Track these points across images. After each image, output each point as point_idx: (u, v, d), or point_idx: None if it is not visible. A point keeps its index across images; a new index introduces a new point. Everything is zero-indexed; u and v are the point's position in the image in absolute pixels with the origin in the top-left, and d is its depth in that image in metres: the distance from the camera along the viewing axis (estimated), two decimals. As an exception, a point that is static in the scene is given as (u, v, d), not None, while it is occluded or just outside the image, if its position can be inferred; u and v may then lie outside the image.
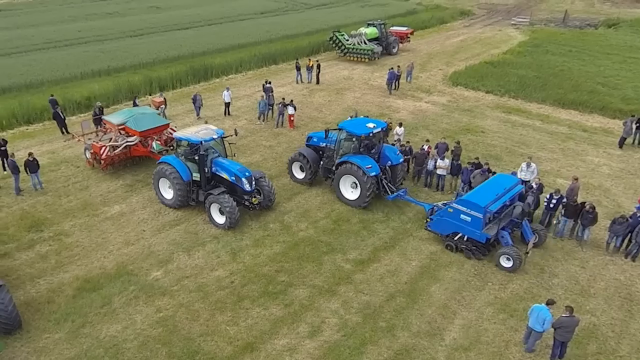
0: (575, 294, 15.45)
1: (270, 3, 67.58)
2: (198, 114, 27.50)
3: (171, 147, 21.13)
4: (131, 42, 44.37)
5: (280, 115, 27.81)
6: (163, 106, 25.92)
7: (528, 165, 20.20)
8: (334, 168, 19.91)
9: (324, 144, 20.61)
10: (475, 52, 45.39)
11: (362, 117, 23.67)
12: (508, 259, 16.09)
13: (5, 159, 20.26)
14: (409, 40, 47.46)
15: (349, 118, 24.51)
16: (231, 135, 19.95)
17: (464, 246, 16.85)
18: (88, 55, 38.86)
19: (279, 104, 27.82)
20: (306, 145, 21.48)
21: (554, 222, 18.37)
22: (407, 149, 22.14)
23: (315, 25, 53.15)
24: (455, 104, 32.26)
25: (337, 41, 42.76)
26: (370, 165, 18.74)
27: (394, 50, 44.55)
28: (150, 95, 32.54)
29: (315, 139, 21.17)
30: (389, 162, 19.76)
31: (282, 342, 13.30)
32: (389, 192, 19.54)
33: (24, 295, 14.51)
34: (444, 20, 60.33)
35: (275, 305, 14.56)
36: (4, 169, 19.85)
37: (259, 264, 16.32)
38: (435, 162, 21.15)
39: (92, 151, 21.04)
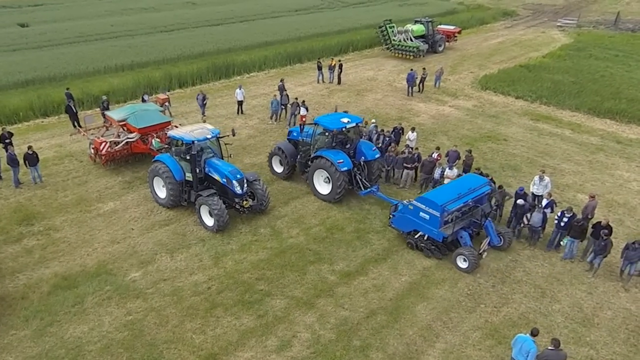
0: (576, 323, 14.29)
1: (306, 0, 67.34)
2: (203, 113, 27.34)
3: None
4: (160, 37, 45.07)
5: (293, 116, 27.41)
6: (167, 103, 25.98)
7: (541, 179, 18.97)
8: (309, 162, 19.95)
9: (301, 139, 20.73)
10: (512, 54, 43.60)
11: (342, 112, 23.31)
12: (464, 260, 15.92)
13: (26, 165, 20.33)
14: (456, 39, 46.79)
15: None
16: (227, 136, 19.69)
17: (423, 244, 16.75)
18: (115, 49, 39.68)
19: (292, 103, 27.43)
20: (287, 139, 21.55)
21: (562, 242, 17.13)
22: (416, 155, 21.27)
23: (347, 24, 52.48)
24: (480, 109, 30.95)
25: (385, 34, 42.41)
26: (342, 160, 18.77)
27: (440, 49, 44.18)
28: (169, 91, 32.90)
29: (295, 134, 21.27)
30: (364, 157, 19.64)
31: (247, 355, 12.87)
32: (362, 188, 19.55)
33: (0, 289, 14.70)
34: (484, 21, 58.37)
35: (248, 315, 14.15)
36: (27, 167, 20.21)
37: (240, 270, 15.96)
38: (443, 172, 20.22)
39: (93, 146, 21.28)
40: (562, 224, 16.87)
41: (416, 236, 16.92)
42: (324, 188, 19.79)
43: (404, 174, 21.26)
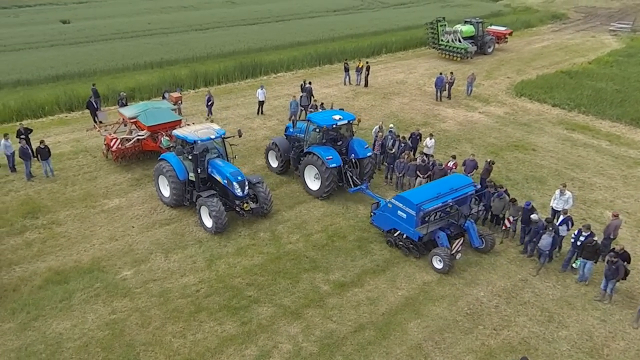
0: (582, 353, 13.30)
1: (345, 1, 67.06)
2: (209, 113, 27.35)
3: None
4: (194, 36, 45.89)
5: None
6: (180, 102, 26.22)
7: (562, 193, 17.85)
8: (302, 158, 20.29)
9: (295, 134, 21.18)
10: (556, 60, 41.73)
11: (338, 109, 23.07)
12: (440, 261, 15.88)
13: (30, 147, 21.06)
14: (506, 41, 45.78)
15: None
16: (233, 137, 19.62)
17: (401, 243, 16.77)
18: (147, 47, 40.66)
19: (311, 105, 27.17)
20: (284, 135, 21.89)
21: (574, 264, 16.05)
22: (430, 164, 20.52)
23: (384, 25, 51.83)
24: (512, 116, 29.71)
25: (434, 32, 41.93)
26: (331, 157, 18.99)
27: (489, 50, 43.44)
28: (193, 89, 33.37)
29: (291, 130, 21.64)
30: (355, 155, 19.83)
31: (224, 363, 12.67)
32: (352, 185, 19.69)
33: (-5, 281, 15.15)
34: (530, 24, 56.25)
35: (232, 321, 13.93)
36: (34, 155, 20.92)
37: (232, 274, 15.79)
38: (455, 181, 19.39)
39: (105, 142, 21.71)
40: (579, 243, 15.80)
41: (395, 234, 16.94)
42: (314, 184, 20.00)
43: (416, 182, 20.56)
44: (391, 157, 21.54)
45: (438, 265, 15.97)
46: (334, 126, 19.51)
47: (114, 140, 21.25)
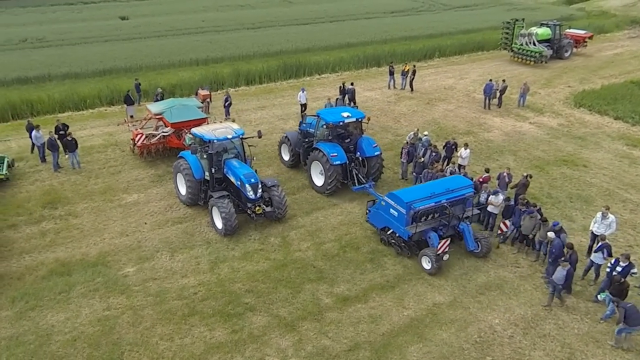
0: (603, 399, 11.98)
1: (405, 2, 65.88)
2: (227, 114, 27.15)
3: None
4: (244, 34, 46.48)
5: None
6: (209, 100, 26.42)
7: (604, 216, 16.35)
8: (309, 153, 20.60)
9: (305, 129, 21.53)
10: (627, 69, 38.89)
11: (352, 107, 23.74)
12: (428, 261, 15.80)
13: (64, 150, 21.76)
14: (585, 45, 43.99)
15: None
16: (252, 137, 19.47)
17: (393, 241, 16.79)
18: (196, 44, 41.58)
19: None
20: (298, 129, 22.23)
21: (600, 297, 14.58)
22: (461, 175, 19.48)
23: (442, 28, 50.34)
24: (566, 128, 27.83)
25: (509, 33, 40.91)
26: (335, 154, 19.16)
27: (566, 54, 41.86)
28: (234, 88, 33.71)
29: (304, 125, 21.84)
30: (363, 153, 19.99)
31: (206, 371, 12.42)
32: (356, 183, 19.76)
33: (3, 268, 15.71)
34: (605, 30, 52.81)
35: (223, 328, 13.69)
36: (65, 153, 21.79)
37: (233, 279, 15.58)
38: (488, 197, 18.25)
39: (131, 137, 22.22)
40: (615, 274, 14.35)
41: (388, 233, 16.93)
42: (319, 180, 20.23)
43: (444, 195, 19.55)
44: (420, 166, 20.68)
45: (426, 265, 15.92)
46: (341, 123, 19.70)
47: (139, 136, 21.71)
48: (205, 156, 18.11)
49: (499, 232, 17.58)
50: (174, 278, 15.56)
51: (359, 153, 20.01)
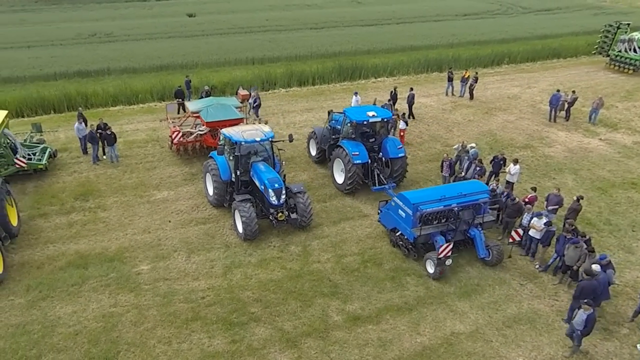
0: None
1: (479, 4, 63.68)
2: (257, 115, 26.82)
3: None
4: (306, 34, 46.69)
5: (392, 129, 25.82)
6: (248, 100, 26.46)
7: (661, 252, 14.64)
8: (333, 150, 20.92)
9: (332, 126, 21.86)
10: None
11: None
12: (432, 265, 15.66)
13: (103, 145, 22.45)
14: None
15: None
16: (283, 141, 19.22)
17: (401, 243, 16.77)
18: (256, 43, 42.22)
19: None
20: (328, 125, 22.33)
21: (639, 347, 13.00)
22: (504, 195, 18.10)
23: (516, 32, 48.16)
24: (642, 148, 25.50)
25: (609, 38, 39.08)
26: (357, 153, 19.32)
27: None
28: (286, 88, 33.79)
29: (332, 121, 22.09)
30: (386, 154, 20.10)
31: (197, 380, 12.26)
32: (376, 184, 19.79)
33: (28, 255, 16.42)
34: None
35: (223, 337, 13.48)
36: (104, 153, 22.68)
37: (243, 286, 15.37)
38: (531, 219, 16.93)
39: (169, 134, 22.70)
40: (665, 319, 12.77)
41: (397, 234, 16.87)
42: (340, 177, 20.43)
43: (484, 213, 18.39)
44: (460, 181, 19.55)
45: (430, 269, 15.81)
46: (365, 122, 19.79)
47: (175, 133, 22.11)
48: (231, 157, 18.08)
49: (510, 240, 16.71)
50: (185, 280, 15.58)
51: (382, 153, 20.11)
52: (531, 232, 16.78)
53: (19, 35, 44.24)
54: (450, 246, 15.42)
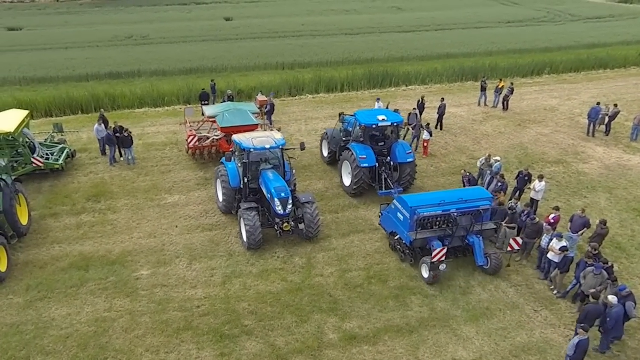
0: None
1: (526, 11, 61.89)
2: (270, 121, 26.44)
3: None
4: (340, 39, 46.43)
5: (415, 139, 25.20)
6: (266, 106, 26.29)
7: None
8: (342, 152, 21.29)
9: (344, 128, 22.20)
10: None
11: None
12: (427, 270, 15.61)
13: (120, 147, 22.77)
14: None
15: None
16: (294, 149, 18.94)
17: (399, 247, 16.77)
18: (288, 48, 42.24)
19: (414, 125, 25.23)
20: (342, 127, 22.58)
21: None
22: (524, 215, 17.16)
23: (561, 41, 46.41)
24: (688, 168, 23.88)
25: None
26: (364, 156, 19.57)
27: None
28: (313, 95, 33.58)
29: (345, 124, 22.36)
30: (395, 159, 20.25)
31: (179, 393, 12.04)
32: (384, 188, 19.96)
33: (33, 255, 16.71)
34: None
35: (213, 349, 13.24)
36: (121, 156, 23.00)
37: (241, 297, 15.12)
38: (550, 241, 16.00)
39: (185, 138, 22.81)
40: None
41: (396, 238, 16.85)
42: (347, 179, 20.66)
43: (501, 232, 17.54)
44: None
45: (425, 274, 15.78)
46: (374, 126, 19.94)
47: (191, 137, 22.19)
48: (240, 164, 17.93)
49: (509, 249, 16.34)
50: (183, 288, 15.46)
51: (391, 158, 20.30)
52: (549, 255, 15.83)
53: (60, 36, 45.91)
54: (444, 251, 15.35)
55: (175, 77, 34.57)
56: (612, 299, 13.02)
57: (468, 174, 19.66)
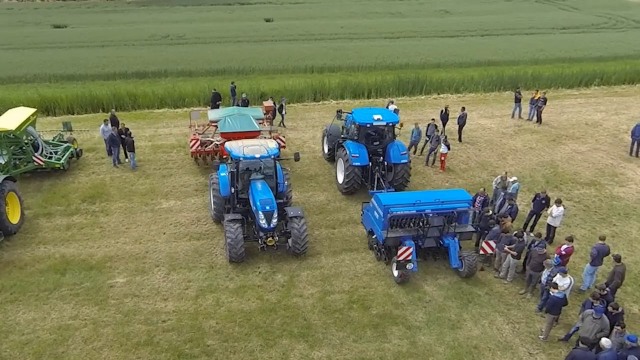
0: None
1: (584, 17, 58.60)
2: (271, 125, 25.27)
3: None
4: (378, 43, 45.42)
5: (432, 152, 23.97)
6: (272, 112, 25.67)
7: None
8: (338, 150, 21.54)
9: (344, 126, 22.34)
10: None
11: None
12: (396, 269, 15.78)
13: (125, 147, 22.81)
14: None
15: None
16: (288, 159, 18.26)
17: (375, 245, 17.00)
18: (321, 50, 41.61)
19: (431, 137, 24.04)
20: (343, 124, 22.59)
21: None
22: (534, 245, 15.61)
23: (619, 49, 43.56)
24: None
25: None
26: (357, 155, 19.71)
27: None
28: (337, 100, 32.83)
29: (346, 121, 22.28)
30: (389, 159, 20.25)
31: (121, 415, 11.61)
32: (375, 187, 20.09)
33: (17, 254, 16.85)
34: None
35: (169, 369, 12.78)
36: (126, 157, 23.07)
37: (210, 314, 14.59)
38: (550, 276, 14.60)
39: (189, 141, 22.61)
40: None
41: (373, 237, 17.06)
42: (341, 176, 20.76)
43: (505, 260, 16.21)
44: (485, 219, 17.39)
45: (395, 273, 15.89)
46: (369, 125, 20.04)
47: (193, 141, 21.96)
48: (228, 174, 17.46)
49: (482, 252, 16.49)
50: (154, 299, 15.09)
51: (386, 158, 20.38)
52: (553, 291, 14.35)
53: (100, 34, 47.19)
54: (411, 250, 15.42)
55: (200, 78, 34.67)
56: (605, 342, 11.61)
57: (484, 195, 18.16)
